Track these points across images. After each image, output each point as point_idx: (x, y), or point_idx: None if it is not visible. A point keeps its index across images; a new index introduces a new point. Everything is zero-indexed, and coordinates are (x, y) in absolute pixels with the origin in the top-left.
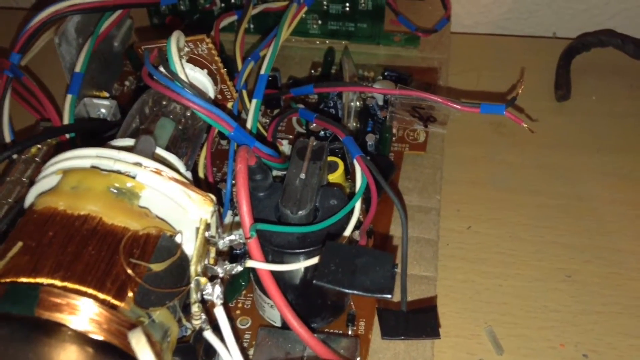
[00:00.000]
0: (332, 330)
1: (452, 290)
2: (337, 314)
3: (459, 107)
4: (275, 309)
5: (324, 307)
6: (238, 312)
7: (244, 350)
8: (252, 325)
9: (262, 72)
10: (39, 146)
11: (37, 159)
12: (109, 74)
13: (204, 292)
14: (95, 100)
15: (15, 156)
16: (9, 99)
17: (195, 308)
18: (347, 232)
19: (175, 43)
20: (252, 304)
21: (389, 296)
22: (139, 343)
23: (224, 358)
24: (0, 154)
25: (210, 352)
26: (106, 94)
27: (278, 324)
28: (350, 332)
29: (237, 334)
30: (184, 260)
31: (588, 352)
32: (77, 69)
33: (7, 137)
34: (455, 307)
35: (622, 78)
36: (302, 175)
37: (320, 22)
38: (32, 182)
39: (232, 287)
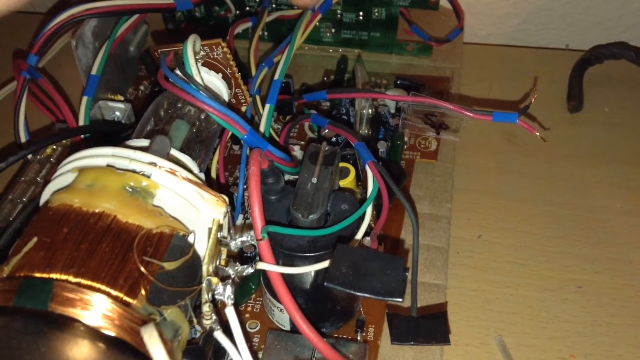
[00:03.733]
0: (341, 336)
1: (462, 298)
2: (347, 320)
3: (471, 114)
4: (285, 313)
5: (334, 312)
6: (247, 315)
7: (253, 353)
8: (261, 329)
9: (276, 77)
10: (54, 147)
11: (51, 160)
12: (124, 78)
13: (215, 292)
14: (110, 103)
15: (30, 156)
16: (25, 99)
17: (206, 308)
18: (358, 237)
19: (192, 46)
20: (261, 308)
21: (400, 300)
22: (151, 338)
23: (234, 358)
24: (16, 154)
25: (219, 354)
26: (121, 98)
27: (287, 328)
28: (359, 338)
29: (247, 337)
30: (196, 260)
31: None
32: (94, 71)
33: (23, 137)
34: (465, 315)
35: (635, 90)
36: (314, 180)
37: (333, 30)
38: (46, 182)
39: (242, 290)
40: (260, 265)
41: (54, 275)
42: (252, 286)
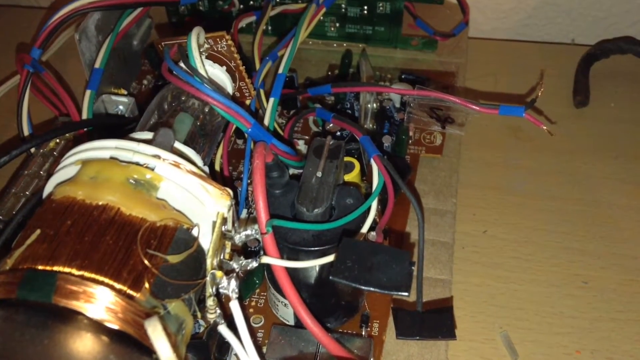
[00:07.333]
0: (345, 331)
1: (467, 294)
2: (351, 315)
3: (477, 108)
4: (289, 308)
5: (338, 307)
6: (251, 310)
7: (257, 348)
8: (265, 324)
9: (280, 71)
10: (57, 140)
11: (55, 153)
12: (127, 72)
13: (219, 286)
14: (114, 97)
15: (33, 150)
16: (28, 93)
17: (210, 302)
18: (363, 232)
19: (196, 39)
20: (265, 303)
21: (406, 294)
22: (155, 331)
23: (238, 351)
24: (19, 148)
25: (223, 349)
26: (124, 92)
27: (291, 322)
28: (364, 333)
29: (251, 332)
30: (200, 254)
31: (604, 359)
32: (97, 65)
33: (26, 131)
34: (470, 310)
35: None
36: (319, 174)
37: (338, 24)
38: (49, 176)
39: (246, 284)
40: (265, 259)
41: (57, 268)
42: (256, 281)
